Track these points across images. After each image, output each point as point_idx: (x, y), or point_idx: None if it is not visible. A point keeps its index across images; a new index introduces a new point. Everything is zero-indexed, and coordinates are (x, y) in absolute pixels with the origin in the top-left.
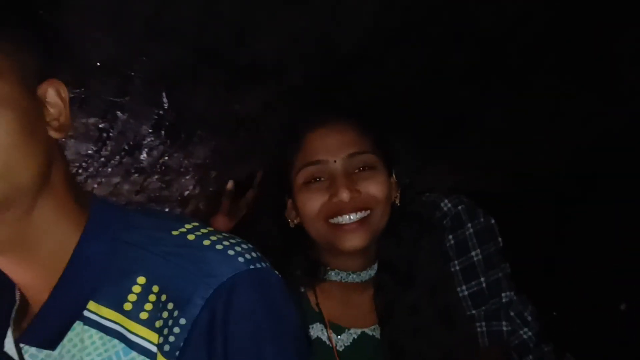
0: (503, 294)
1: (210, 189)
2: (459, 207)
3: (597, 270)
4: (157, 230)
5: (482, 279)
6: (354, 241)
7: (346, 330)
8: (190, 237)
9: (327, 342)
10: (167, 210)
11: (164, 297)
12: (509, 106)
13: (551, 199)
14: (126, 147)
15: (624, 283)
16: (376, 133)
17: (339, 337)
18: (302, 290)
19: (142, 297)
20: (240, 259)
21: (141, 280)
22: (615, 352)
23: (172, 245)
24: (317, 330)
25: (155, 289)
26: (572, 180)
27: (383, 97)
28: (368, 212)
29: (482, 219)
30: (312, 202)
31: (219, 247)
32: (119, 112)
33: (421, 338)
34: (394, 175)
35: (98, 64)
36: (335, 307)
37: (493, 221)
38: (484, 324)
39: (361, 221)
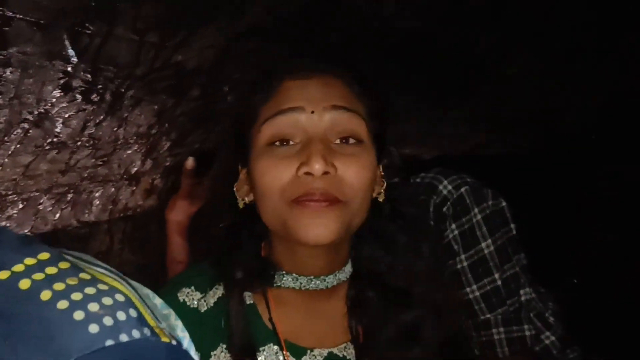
0: (522, 291)
1: (167, 164)
2: (462, 190)
3: (625, 236)
4: None
5: (497, 276)
6: (321, 230)
7: (308, 351)
8: (24, 284)
9: None
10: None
11: None
12: (534, 51)
13: (582, 160)
14: (29, 117)
15: None
16: (374, 98)
17: None
18: (250, 301)
19: None
20: (94, 328)
21: None
22: None
23: None
24: (270, 353)
25: None
26: (605, 139)
27: (383, 42)
28: (339, 204)
29: (490, 202)
30: (275, 173)
31: (62, 305)
32: (6, 70)
33: None
34: (381, 168)
35: None
36: (293, 322)
37: (504, 204)
38: (502, 329)
39: (332, 204)
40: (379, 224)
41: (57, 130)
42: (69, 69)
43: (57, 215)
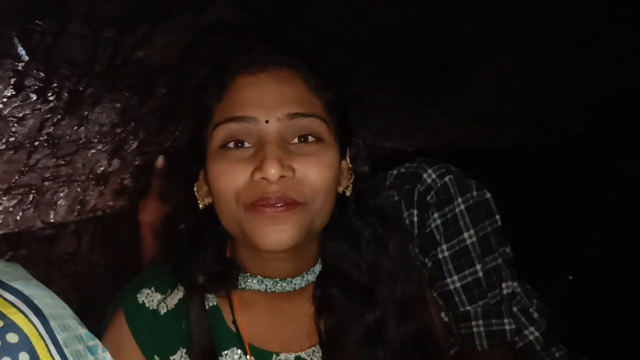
0: (504, 284)
1: (136, 163)
2: (446, 178)
3: (611, 232)
4: None
5: (478, 267)
6: (278, 236)
7: (274, 355)
8: None
9: None
10: (79, 190)
11: None
12: (519, 45)
13: (564, 155)
14: None
15: None
16: (333, 90)
17: None
18: (214, 303)
19: None
20: None
21: None
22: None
23: None
24: (233, 358)
25: None
26: (590, 134)
27: (358, 37)
28: (297, 208)
29: (474, 193)
30: (229, 177)
31: None
32: None
33: None
34: (347, 158)
35: None
36: (258, 325)
37: (489, 195)
38: (481, 322)
39: (290, 208)
40: (345, 219)
41: (12, 130)
42: (20, 67)
43: (19, 215)
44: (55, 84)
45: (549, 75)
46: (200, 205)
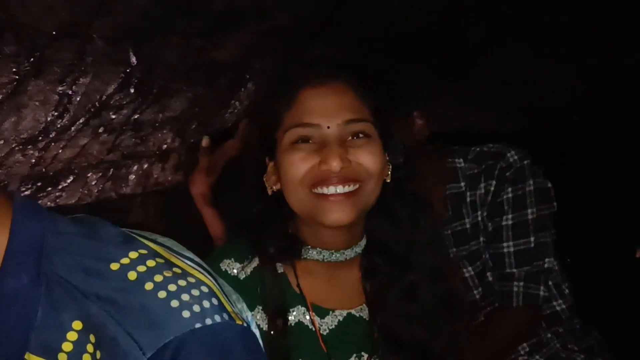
0: (547, 259)
1: (192, 140)
2: (525, 162)
3: (612, 214)
4: (93, 260)
5: (532, 239)
6: (339, 215)
7: (330, 312)
8: (132, 275)
9: (310, 326)
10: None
11: (98, 355)
12: (523, 43)
13: (565, 140)
14: (92, 109)
15: None
16: (377, 100)
17: (322, 320)
18: (281, 270)
19: (79, 347)
20: (186, 313)
21: (77, 325)
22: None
23: (108, 288)
24: (298, 314)
25: (92, 338)
26: (589, 121)
27: (384, 37)
28: (357, 185)
29: (541, 179)
30: (298, 167)
31: (161, 294)
32: (81, 77)
33: (419, 326)
34: (386, 155)
35: (54, 32)
36: (318, 288)
37: (550, 184)
38: (522, 284)
39: (348, 194)
40: (385, 202)
41: (112, 117)
42: (128, 70)
43: (100, 188)
44: (149, 81)
45: (548, 68)
46: (268, 192)
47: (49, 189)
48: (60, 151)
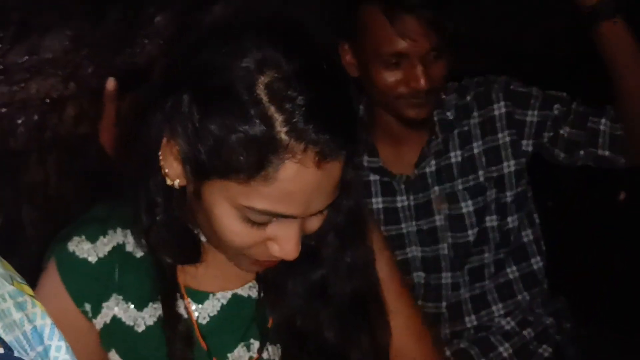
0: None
1: (93, 87)
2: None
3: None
4: None
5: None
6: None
7: (211, 295)
8: None
9: (185, 316)
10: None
11: None
12: None
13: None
14: None
15: (623, 172)
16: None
17: (200, 306)
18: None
19: None
20: None
21: None
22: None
23: None
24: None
25: None
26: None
27: None
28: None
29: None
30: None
31: None
32: None
33: (329, 327)
34: None
35: None
36: (192, 267)
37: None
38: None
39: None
40: None
41: None
42: None
43: None
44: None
45: (524, 4)
46: (168, 183)
47: None
48: None
